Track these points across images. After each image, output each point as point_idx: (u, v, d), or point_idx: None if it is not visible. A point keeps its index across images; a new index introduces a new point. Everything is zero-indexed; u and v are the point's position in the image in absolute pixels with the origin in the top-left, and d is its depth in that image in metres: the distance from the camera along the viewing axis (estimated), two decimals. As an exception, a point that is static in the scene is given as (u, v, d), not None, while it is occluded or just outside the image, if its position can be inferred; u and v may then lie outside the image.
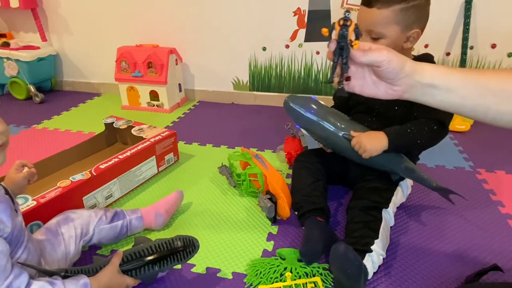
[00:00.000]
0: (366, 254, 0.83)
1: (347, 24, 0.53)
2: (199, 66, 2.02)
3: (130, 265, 0.74)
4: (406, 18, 0.90)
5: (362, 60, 0.54)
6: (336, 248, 0.80)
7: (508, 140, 1.51)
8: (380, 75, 0.55)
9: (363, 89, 0.58)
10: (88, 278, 0.68)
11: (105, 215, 0.92)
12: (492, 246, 0.95)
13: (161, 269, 0.77)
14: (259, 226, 1.03)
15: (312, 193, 1.00)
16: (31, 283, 0.61)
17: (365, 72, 0.58)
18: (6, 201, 0.65)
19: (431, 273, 0.87)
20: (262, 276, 0.84)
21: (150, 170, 1.25)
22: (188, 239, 0.81)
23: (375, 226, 0.90)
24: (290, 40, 1.82)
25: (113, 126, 1.42)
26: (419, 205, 1.12)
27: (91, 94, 2.19)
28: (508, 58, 1.61)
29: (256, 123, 1.76)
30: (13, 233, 0.64)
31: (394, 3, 0.89)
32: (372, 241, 0.86)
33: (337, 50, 0.54)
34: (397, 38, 0.92)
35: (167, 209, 1.02)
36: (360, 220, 0.91)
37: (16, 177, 0.79)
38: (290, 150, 1.32)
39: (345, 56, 0.54)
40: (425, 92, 0.55)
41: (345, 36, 0.53)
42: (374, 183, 1.01)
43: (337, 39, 0.53)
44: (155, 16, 1.93)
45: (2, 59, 2.01)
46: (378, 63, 0.53)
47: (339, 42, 0.53)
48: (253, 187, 1.15)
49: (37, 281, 0.62)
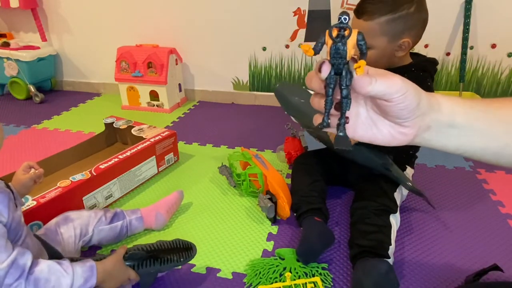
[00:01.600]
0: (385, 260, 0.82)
1: (344, 34, 0.33)
2: (199, 66, 2.02)
3: (132, 259, 0.76)
4: (393, 29, 0.89)
5: (367, 91, 0.36)
6: (378, 267, 0.77)
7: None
8: (386, 112, 0.39)
9: (355, 131, 0.41)
10: (94, 262, 0.68)
11: (105, 215, 0.92)
12: (492, 246, 0.95)
13: (160, 266, 0.78)
14: (259, 226, 1.03)
15: (310, 193, 1.01)
16: (37, 262, 0.60)
17: (359, 105, 0.41)
18: (5, 192, 0.64)
19: (431, 273, 0.87)
20: (262, 276, 0.84)
21: (150, 170, 1.25)
22: (187, 243, 0.83)
23: (388, 232, 0.88)
24: (290, 40, 1.82)
25: (113, 126, 1.42)
26: (419, 206, 1.12)
27: (91, 94, 2.19)
28: (508, 58, 1.61)
29: (256, 123, 1.76)
30: (11, 226, 0.63)
31: (380, 15, 0.88)
32: (388, 247, 0.85)
33: (331, 77, 0.35)
34: (386, 49, 0.92)
35: (167, 209, 1.03)
36: (373, 222, 0.89)
37: (22, 178, 0.80)
38: (290, 150, 1.32)
39: (345, 84, 0.35)
40: (442, 134, 0.42)
41: (342, 54, 0.34)
42: (380, 184, 0.99)
43: (329, 58, 0.35)
44: (155, 16, 1.93)
45: (2, 59, 2.01)
46: (389, 96, 0.36)
47: (332, 64, 0.35)
48: (253, 187, 1.15)
49: (44, 261, 0.61)
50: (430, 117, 0.40)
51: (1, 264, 0.54)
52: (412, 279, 0.85)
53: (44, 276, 0.58)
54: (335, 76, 0.35)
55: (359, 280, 0.77)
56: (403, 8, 0.88)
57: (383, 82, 0.36)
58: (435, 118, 0.41)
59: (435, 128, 0.41)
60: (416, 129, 0.40)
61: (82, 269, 0.64)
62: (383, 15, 0.88)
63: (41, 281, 0.57)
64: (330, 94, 0.36)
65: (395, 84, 0.36)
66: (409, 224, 1.04)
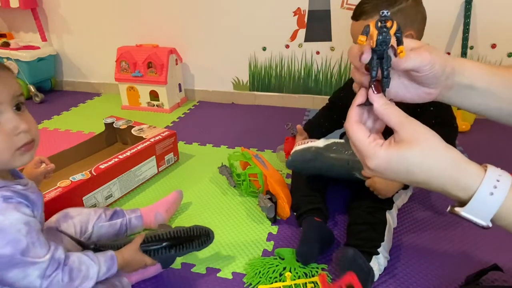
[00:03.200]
0: (373, 257, 0.83)
1: (387, 26, 0.40)
2: (199, 66, 2.02)
3: (149, 246, 0.79)
4: None
5: (403, 67, 0.43)
6: (345, 252, 0.80)
7: (508, 140, 1.51)
8: (416, 79, 0.46)
9: (389, 91, 0.47)
10: (114, 252, 0.72)
11: (105, 213, 0.93)
12: (492, 246, 0.95)
13: (176, 253, 0.82)
14: (259, 226, 1.03)
15: (310, 193, 1.01)
16: (69, 255, 0.65)
17: (393, 74, 0.46)
18: (40, 193, 0.68)
19: (431, 273, 0.87)
20: (262, 276, 0.84)
21: (150, 170, 1.25)
22: (204, 229, 0.86)
23: (381, 228, 0.89)
24: (290, 40, 1.82)
25: (113, 126, 1.42)
26: (419, 206, 1.11)
27: (91, 94, 2.19)
28: (508, 58, 1.61)
29: (256, 123, 1.76)
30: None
31: (378, 12, 0.88)
32: (379, 244, 0.85)
33: (375, 61, 0.41)
34: None
35: (166, 209, 1.03)
36: (365, 221, 0.90)
37: (33, 172, 0.81)
38: (290, 150, 1.31)
39: (386, 67, 0.42)
40: (462, 93, 0.48)
41: (387, 42, 0.40)
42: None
43: (375, 46, 0.41)
44: (155, 16, 1.93)
45: (2, 59, 2.00)
46: (419, 69, 0.43)
47: (377, 51, 0.41)
48: (253, 187, 1.15)
49: (74, 253, 0.66)
50: (452, 80, 0.47)
51: (44, 258, 0.59)
52: (412, 279, 0.85)
53: (76, 266, 0.64)
54: (378, 60, 0.41)
55: (338, 273, 0.79)
56: (400, 2, 0.87)
57: (415, 59, 0.42)
58: (457, 80, 0.47)
59: (456, 89, 0.47)
60: (440, 90, 0.47)
61: (104, 259, 0.69)
62: None
63: (74, 270, 0.63)
64: (374, 76, 0.42)
65: (424, 59, 0.42)
66: (409, 224, 1.04)
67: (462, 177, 0.41)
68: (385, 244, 0.86)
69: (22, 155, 0.61)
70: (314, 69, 1.86)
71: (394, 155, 0.41)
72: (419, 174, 0.41)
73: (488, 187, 0.40)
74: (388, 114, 0.42)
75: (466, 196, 0.41)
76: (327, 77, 1.86)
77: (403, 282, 0.84)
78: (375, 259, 0.83)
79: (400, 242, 0.96)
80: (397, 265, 0.89)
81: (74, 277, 0.63)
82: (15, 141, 0.60)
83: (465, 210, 0.42)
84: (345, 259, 0.79)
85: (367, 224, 0.90)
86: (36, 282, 0.58)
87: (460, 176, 0.41)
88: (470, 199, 0.41)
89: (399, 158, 0.41)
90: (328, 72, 1.85)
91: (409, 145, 0.41)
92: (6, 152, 0.59)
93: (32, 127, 0.63)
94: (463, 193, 0.42)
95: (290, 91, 1.94)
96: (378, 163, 0.42)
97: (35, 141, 0.64)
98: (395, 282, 0.84)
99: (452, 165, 0.41)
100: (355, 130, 0.43)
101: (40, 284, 0.58)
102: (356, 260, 0.78)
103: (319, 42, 1.79)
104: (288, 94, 1.95)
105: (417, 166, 0.41)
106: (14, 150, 0.60)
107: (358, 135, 0.43)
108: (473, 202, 0.41)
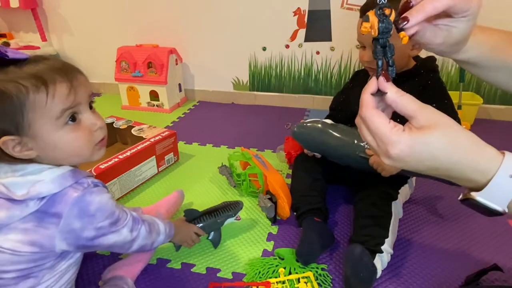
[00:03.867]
0: (377, 255, 0.83)
1: (386, 14, 0.41)
2: (199, 66, 2.02)
3: (190, 216, 0.93)
4: None
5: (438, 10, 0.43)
6: (352, 250, 0.80)
7: (508, 140, 1.51)
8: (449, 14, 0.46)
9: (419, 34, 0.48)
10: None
11: None
12: (492, 246, 0.95)
13: (215, 218, 0.93)
14: (259, 226, 1.03)
15: (310, 193, 1.01)
16: (143, 216, 0.76)
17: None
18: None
19: (431, 273, 0.87)
20: (262, 276, 0.84)
21: (150, 170, 1.25)
22: (234, 201, 1.00)
23: (385, 222, 0.89)
24: (290, 40, 1.82)
25: (113, 126, 1.42)
26: (418, 206, 1.11)
27: (91, 94, 2.19)
28: (508, 58, 1.61)
29: (256, 123, 1.76)
30: None
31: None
32: (382, 240, 0.86)
33: (379, 51, 0.42)
34: (401, 48, 0.91)
35: (167, 209, 1.02)
36: (369, 214, 0.91)
37: None
38: (290, 150, 1.32)
39: (390, 55, 0.43)
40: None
41: (389, 29, 0.41)
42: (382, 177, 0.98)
43: (377, 35, 0.41)
44: (155, 16, 1.93)
45: (2, 59, 2.00)
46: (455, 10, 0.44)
47: (379, 39, 0.41)
48: (253, 187, 1.15)
49: (145, 215, 0.78)
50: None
51: (128, 218, 0.69)
52: (412, 279, 0.85)
53: (151, 222, 0.76)
54: (382, 49, 0.42)
55: (344, 270, 0.82)
56: None
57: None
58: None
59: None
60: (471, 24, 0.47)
61: (164, 222, 0.81)
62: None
63: (150, 225, 0.75)
64: (381, 65, 0.42)
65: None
66: (409, 224, 1.03)
67: (481, 159, 0.41)
68: (389, 239, 0.86)
69: (100, 149, 0.67)
70: (314, 69, 1.86)
71: (418, 140, 0.40)
72: (442, 159, 0.40)
73: (508, 169, 0.40)
74: (402, 101, 0.42)
75: (484, 180, 0.40)
76: (327, 77, 1.86)
77: (403, 282, 0.84)
78: (378, 257, 0.83)
79: (400, 242, 0.96)
80: (397, 265, 0.89)
81: (151, 229, 0.74)
82: (95, 137, 0.65)
83: (481, 194, 0.41)
84: (352, 256, 0.80)
85: (372, 217, 0.90)
86: (128, 236, 0.69)
87: (480, 159, 0.41)
88: (487, 183, 0.40)
89: (423, 143, 0.40)
90: (328, 72, 1.85)
91: (431, 130, 0.40)
92: (87, 147, 0.64)
93: (104, 124, 0.67)
94: (481, 176, 0.41)
95: (290, 91, 1.94)
96: (402, 148, 0.40)
97: (106, 137, 0.70)
98: (395, 282, 0.84)
99: (472, 148, 0.41)
100: (375, 116, 0.42)
101: (131, 236, 0.69)
102: (363, 258, 0.79)
103: (319, 42, 1.79)
104: (288, 94, 1.95)
105: (442, 150, 0.40)
106: (94, 145, 0.65)
107: (379, 120, 0.42)
108: (491, 185, 0.40)
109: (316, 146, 1.06)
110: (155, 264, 0.90)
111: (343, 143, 0.99)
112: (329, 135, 1.01)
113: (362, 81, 1.06)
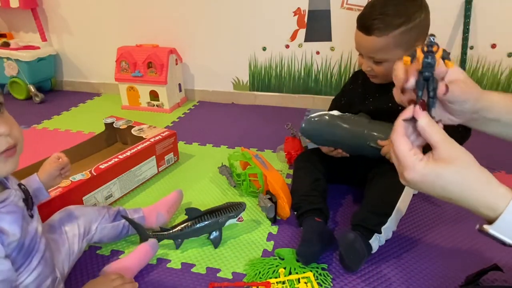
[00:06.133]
0: (375, 234, 0.86)
1: (433, 50, 0.44)
2: (199, 66, 2.02)
3: (190, 215, 0.93)
4: (408, 39, 0.87)
5: (441, 98, 0.48)
6: (346, 236, 0.84)
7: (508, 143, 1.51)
8: (443, 107, 0.51)
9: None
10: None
11: (108, 213, 0.93)
12: (492, 246, 0.94)
13: (216, 218, 0.93)
14: (259, 226, 1.03)
15: (310, 193, 1.00)
16: None
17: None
18: (18, 210, 0.62)
19: (431, 273, 0.87)
20: (262, 276, 0.84)
21: (150, 170, 1.25)
22: (236, 202, 0.99)
23: (394, 198, 0.90)
24: (290, 40, 1.82)
25: (113, 126, 1.42)
26: (419, 207, 1.11)
27: (91, 94, 2.19)
28: (508, 58, 1.61)
29: (256, 123, 1.76)
30: (24, 243, 0.63)
31: (393, 29, 0.86)
32: (385, 219, 0.87)
33: (421, 82, 0.46)
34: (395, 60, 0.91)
35: (167, 209, 1.03)
36: (380, 185, 0.92)
37: (48, 167, 0.82)
38: (290, 150, 1.32)
39: (432, 88, 0.46)
40: (485, 124, 0.54)
41: (433, 65, 0.44)
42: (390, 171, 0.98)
43: (421, 69, 0.45)
44: (155, 16, 1.93)
45: (2, 59, 2.01)
46: (452, 101, 0.49)
47: (422, 72, 0.45)
48: (253, 187, 1.15)
49: None
50: (479, 114, 0.51)
51: None
52: (412, 279, 0.85)
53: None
54: (424, 82, 0.45)
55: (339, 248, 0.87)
56: (415, 17, 0.86)
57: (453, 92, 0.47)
58: (484, 115, 0.52)
59: (481, 120, 0.53)
60: (463, 120, 0.52)
61: None
62: (397, 28, 0.86)
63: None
64: (420, 96, 0.46)
65: (459, 96, 0.48)
66: (409, 224, 1.04)
67: (492, 197, 0.44)
68: (393, 218, 0.88)
69: (4, 162, 0.56)
70: (314, 69, 1.86)
71: (432, 171, 0.44)
72: (453, 192, 0.45)
73: None
74: (430, 132, 0.45)
75: (494, 215, 0.44)
76: (327, 77, 1.86)
77: (403, 282, 0.84)
78: (376, 236, 0.86)
79: (400, 242, 0.96)
80: (397, 265, 0.89)
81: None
82: None
83: (493, 227, 0.45)
84: (344, 241, 0.84)
85: (381, 188, 0.92)
86: None
87: (490, 197, 0.44)
88: (497, 218, 0.44)
89: (436, 175, 0.44)
90: (328, 72, 1.85)
91: (447, 164, 0.44)
92: None
93: (13, 130, 0.57)
94: (492, 212, 0.44)
95: (290, 91, 1.94)
96: (415, 176, 0.45)
97: (18, 145, 0.59)
98: (395, 282, 0.84)
99: (484, 187, 0.45)
100: (401, 143, 0.46)
101: None
102: (354, 244, 0.83)
103: (319, 42, 1.79)
104: (288, 94, 1.95)
105: (453, 185, 0.44)
106: None
107: (402, 147, 0.46)
108: (500, 221, 0.44)
109: (326, 140, 1.04)
110: (155, 264, 0.90)
111: (352, 134, 0.98)
112: (338, 127, 0.99)
113: (362, 81, 1.06)
